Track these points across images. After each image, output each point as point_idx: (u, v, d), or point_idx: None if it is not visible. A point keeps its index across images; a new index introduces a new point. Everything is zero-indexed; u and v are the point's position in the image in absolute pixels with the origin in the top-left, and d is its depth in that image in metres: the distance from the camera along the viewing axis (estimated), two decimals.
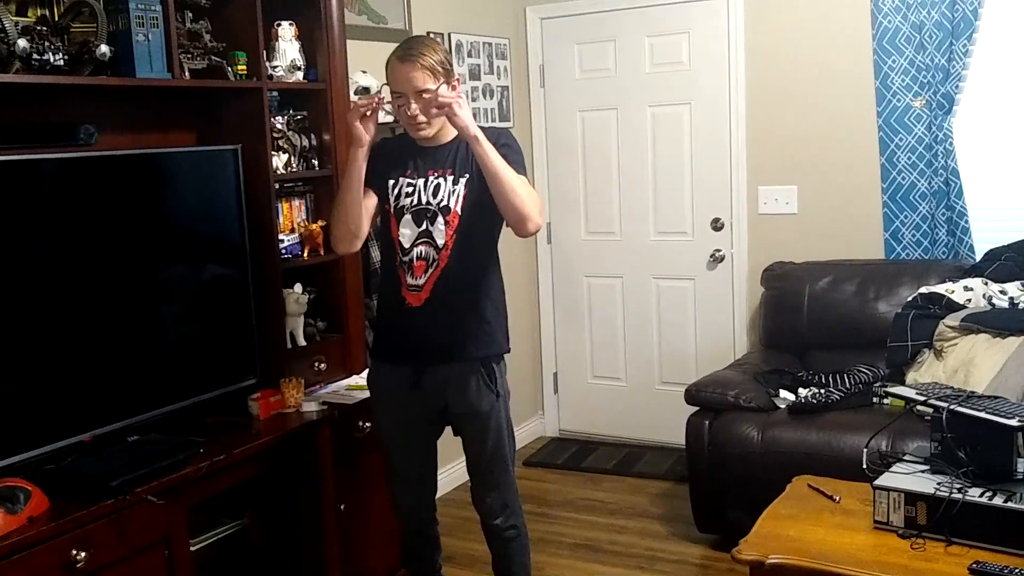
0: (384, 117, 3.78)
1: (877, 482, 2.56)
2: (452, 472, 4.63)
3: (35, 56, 2.50)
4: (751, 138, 4.73)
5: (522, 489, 4.52)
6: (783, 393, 3.93)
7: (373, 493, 3.35)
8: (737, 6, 4.66)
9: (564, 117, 5.18)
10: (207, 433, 2.89)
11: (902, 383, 3.81)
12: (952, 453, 2.56)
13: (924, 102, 4.27)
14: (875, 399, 3.79)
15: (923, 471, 2.60)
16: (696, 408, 3.92)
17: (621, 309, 5.17)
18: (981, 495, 2.43)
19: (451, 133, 2.78)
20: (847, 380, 3.85)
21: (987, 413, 2.51)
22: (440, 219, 2.76)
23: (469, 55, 4.79)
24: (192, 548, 2.80)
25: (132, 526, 2.46)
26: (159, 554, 2.56)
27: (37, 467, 2.48)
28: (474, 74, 4.83)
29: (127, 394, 2.80)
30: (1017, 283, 3.83)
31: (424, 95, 2.68)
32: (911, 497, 2.49)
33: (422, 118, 2.71)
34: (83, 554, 2.31)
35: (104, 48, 2.63)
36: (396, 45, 2.82)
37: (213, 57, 3.07)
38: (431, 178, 2.79)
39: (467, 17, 4.79)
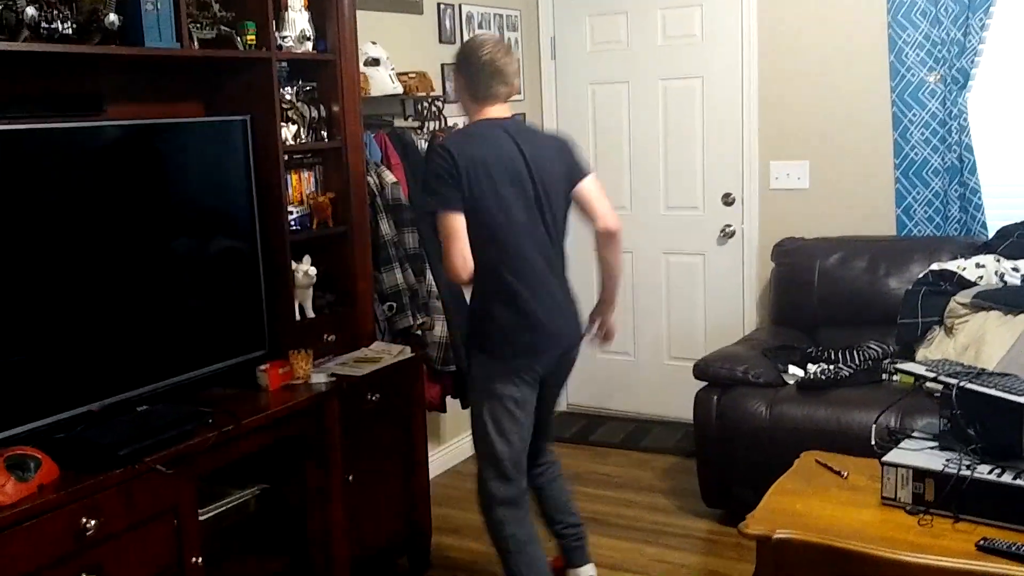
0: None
1: (885, 458, 2.56)
2: (451, 450, 4.65)
3: (44, 24, 2.48)
4: (763, 112, 4.69)
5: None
6: (792, 369, 3.92)
7: (381, 464, 3.36)
8: None
9: (575, 90, 5.14)
10: (216, 404, 2.89)
11: (912, 360, 3.79)
12: (961, 430, 2.55)
13: (939, 77, 4.23)
14: (884, 376, 3.78)
15: (932, 448, 2.60)
16: (704, 383, 3.92)
17: (631, 283, 5.15)
18: (990, 472, 2.42)
19: None
20: (856, 356, 3.84)
21: (997, 390, 2.50)
22: None
23: (480, 26, 4.76)
24: (201, 518, 2.81)
25: (141, 495, 2.47)
26: (168, 523, 2.57)
27: (47, 436, 2.49)
28: None
29: (136, 364, 2.81)
30: None
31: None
32: (919, 473, 2.48)
33: None
34: (92, 522, 2.32)
35: (113, 17, 2.62)
36: (405, 15, 2.79)
37: (222, 27, 3.04)
38: None
39: None
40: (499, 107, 2.98)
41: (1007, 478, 2.39)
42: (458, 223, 2.80)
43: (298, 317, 3.31)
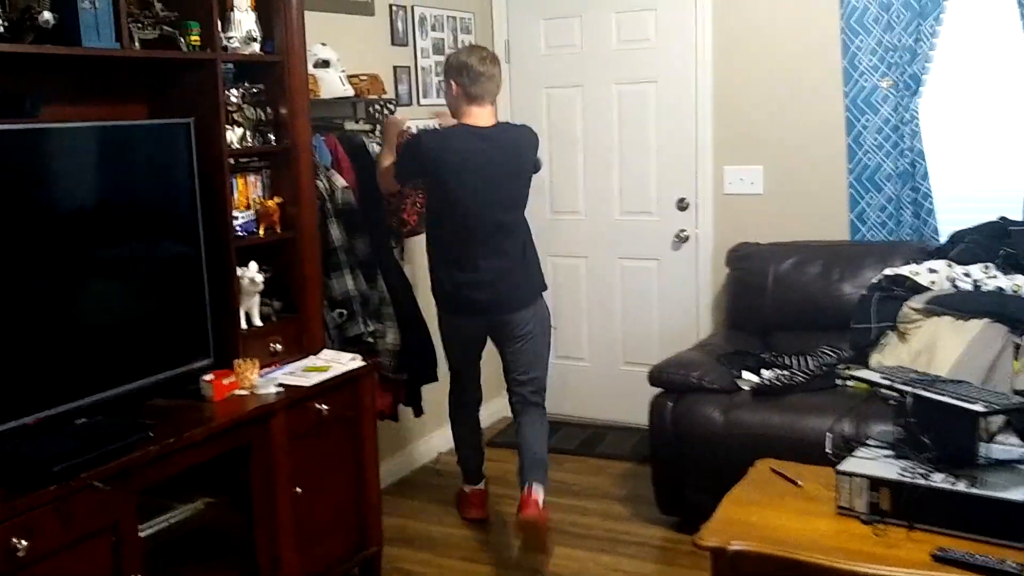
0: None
1: (840, 467, 2.54)
2: (405, 459, 4.59)
3: None
4: (717, 117, 4.68)
5: (484, 470, 4.51)
6: (746, 375, 3.91)
7: (330, 475, 3.29)
8: None
9: (529, 94, 5.10)
10: (158, 416, 2.80)
11: (865, 365, 3.79)
12: (916, 438, 2.54)
13: (891, 83, 4.24)
14: (838, 381, 3.77)
15: (887, 456, 2.58)
16: (659, 389, 3.89)
17: (585, 289, 5.12)
18: (944, 481, 2.41)
19: None
20: (810, 362, 3.84)
21: (951, 398, 2.49)
22: None
23: (433, 29, 4.70)
24: (143, 534, 2.71)
25: (77, 512, 2.37)
26: (106, 540, 2.47)
27: None
28: (438, 48, 4.74)
29: (74, 375, 2.70)
30: (980, 265, 3.82)
31: None
32: (874, 483, 2.47)
33: None
34: (24, 543, 2.22)
35: (47, 15, 2.52)
36: (356, 17, 2.80)
37: (165, 27, 2.95)
38: None
39: None
40: (481, 110, 3.63)
41: (961, 486, 2.38)
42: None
43: (244, 325, 3.22)
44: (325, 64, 3.73)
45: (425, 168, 3.62)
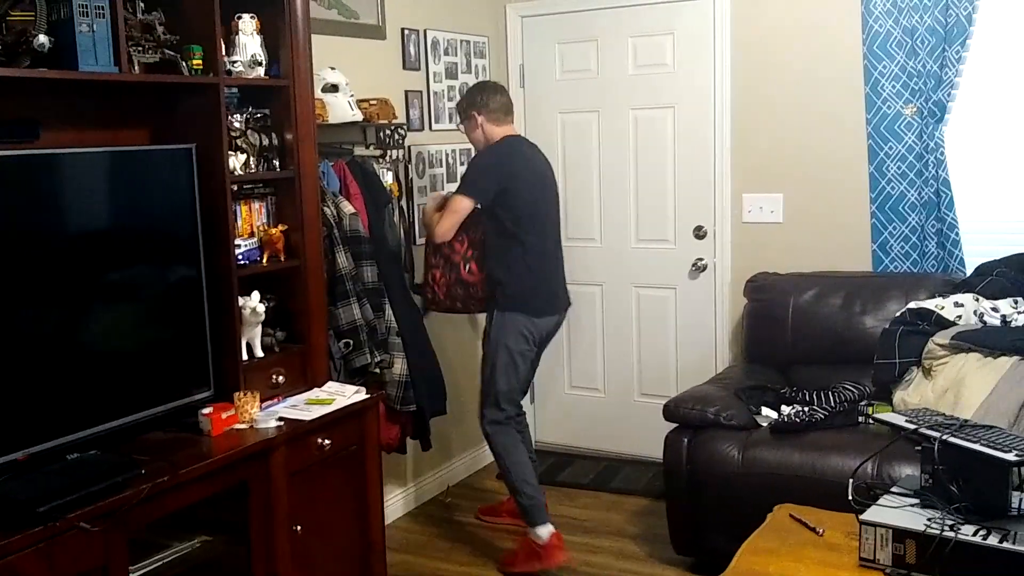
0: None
1: (864, 516, 2.41)
2: (413, 492, 4.49)
3: None
4: (736, 144, 4.58)
5: (492, 503, 4.40)
6: (765, 411, 3.79)
7: (332, 512, 3.18)
8: (724, 6, 4.51)
9: (544, 119, 5.01)
10: (153, 451, 2.71)
11: (889, 402, 3.67)
12: (944, 486, 2.41)
13: (915, 109, 4.13)
14: (861, 418, 3.64)
15: (912, 505, 2.45)
16: (675, 425, 3.76)
17: (600, 318, 5.02)
18: (974, 534, 2.28)
19: None
20: (832, 398, 3.70)
21: (982, 445, 2.36)
22: None
23: (446, 53, 4.62)
24: (137, 574, 2.62)
25: (63, 555, 2.28)
26: None
27: None
28: (451, 73, 4.66)
29: (69, 408, 2.60)
30: (1009, 300, 3.69)
31: None
32: (899, 534, 2.34)
33: None
34: None
35: (43, 39, 2.45)
36: (367, 40, 2.79)
37: (167, 51, 2.88)
38: None
39: (444, 13, 4.62)
40: (509, 126, 3.90)
41: (993, 540, 2.25)
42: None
43: (245, 356, 3.12)
44: (334, 88, 3.65)
45: (508, 172, 3.75)
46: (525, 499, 3.76)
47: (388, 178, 4.05)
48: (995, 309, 3.66)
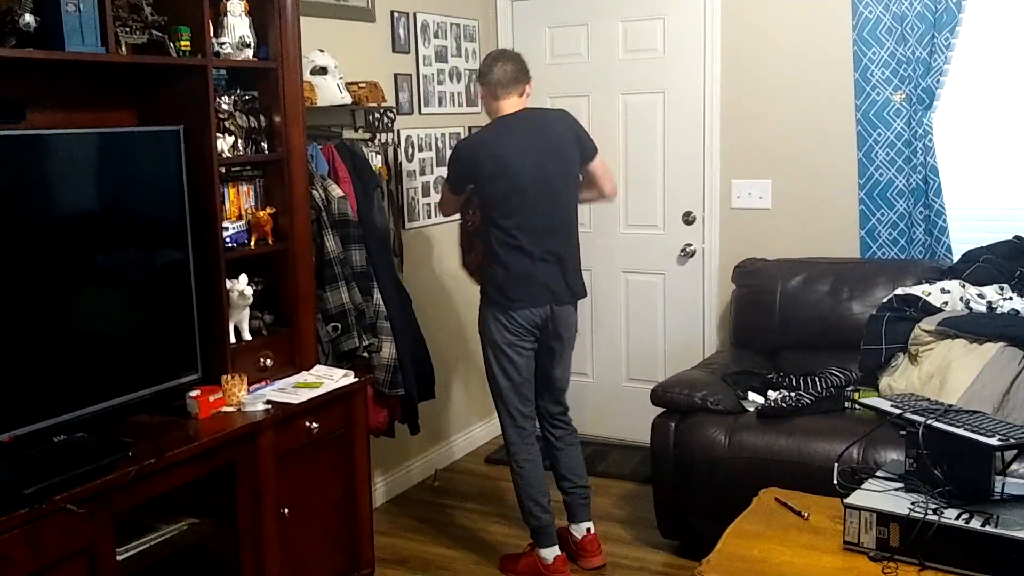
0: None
1: (848, 500, 2.42)
2: (401, 476, 4.49)
3: None
4: (725, 129, 4.58)
5: (482, 488, 4.43)
6: (752, 395, 3.79)
7: (319, 495, 3.19)
8: None
9: (534, 103, 4.94)
10: (141, 433, 2.70)
11: (875, 387, 3.69)
12: (927, 471, 2.42)
13: (904, 96, 4.13)
14: (847, 404, 3.66)
15: (896, 489, 2.46)
16: (662, 409, 3.78)
17: (589, 303, 5.00)
18: (957, 517, 2.29)
19: None
20: (818, 383, 3.72)
21: (965, 430, 2.37)
22: None
23: (436, 36, 4.60)
24: (122, 556, 2.62)
25: (49, 537, 2.28)
26: (81, 566, 2.38)
27: None
28: (441, 56, 4.64)
29: (55, 390, 2.60)
30: (995, 286, 3.71)
31: None
32: (883, 518, 2.35)
33: None
34: None
35: (28, 18, 2.44)
36: (356, 23, 2.72)
37: (154, 32, 2.86)
38: None
39: None
40: (507, 101, 3.56)
41: (976, 524, 2.26)
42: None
43: (233, 339, 3.12)
44: (323, 71, 3.64)
45: (472, 165, 3.52)
46: (532, 520, 3.62)
47: (377, 161, 4.04)
48: (981, 295, 3.68)
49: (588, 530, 3.74)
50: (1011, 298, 3.64)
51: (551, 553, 3.60)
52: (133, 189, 2.88)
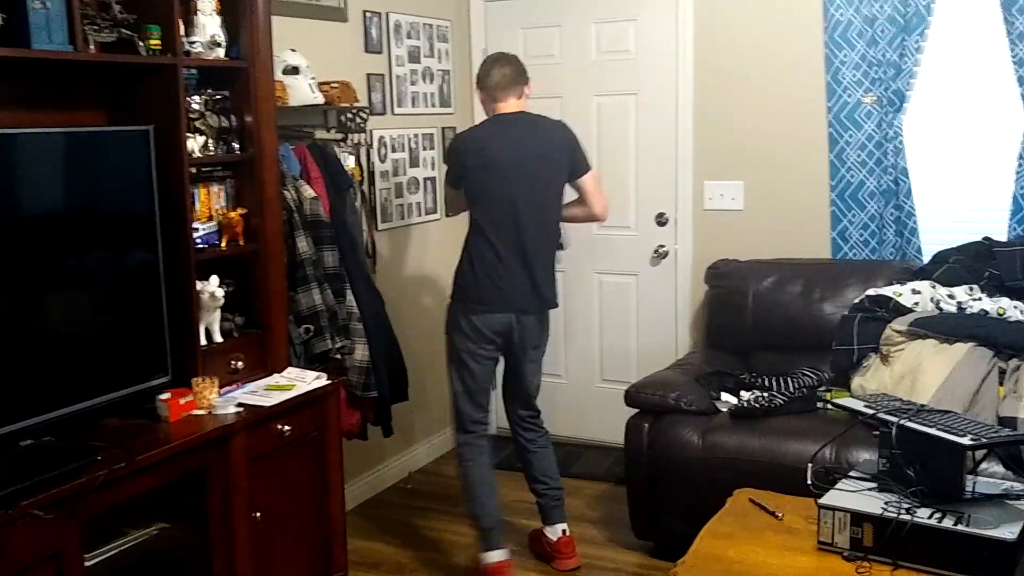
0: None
1: (822, 500, 2.43)
2: (374, 478, 4.47)
3: None
4: (698, 131, 4.59)
5: (456, 490, 4.41)
6: (725, 396, 3.81)
7: (292, 499, 3.16)
8: None
9: None
10: (111, 437, 2.66)
11: (847, 387, 3.71)
12: (900, 470, 2.44)
13: (875, 98, 4.16)
14: (819, 403, 3.68)
15: (870, 489, 2.48)
16: (635, 410, 3.78)
17: (562, 304, 4.96)
18: (930, 517, 2.31)
19: None
20: (791, 384, 3.74)
21: (938, 429, 2.39)
22: None
23: (409, 36, 4.58)
24: (92, 562, 2.58)
25: (15, 543, 2.23)
26: (47, 573, 2.34)
27: None
28: (413, 56, 4.62)
29: (21, 394, 2.55)
30: (964, 287, 3.74)
31: None
32: (857, 517, 2.36)
33: None
34: None
35: None
36: (328, 23, 2.69)
37: (123, 30, 2.82)
38: None
39: None
40: (505, 104, 3.57)
41: (948, 523, 2.28)
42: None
43: (204, 341, 3.08)
44: (294, 71, 3.61)
45: (460, 156, 3.55)
46: (471, 521, 3.65)
47: (350, 162, 4.01)
48: (951, 296, 3.71)
49: (564, 532, 3.74)
50: (980, 299, 3.67)
51: (491, 557, 3.58)
52: (102, 189, 2.84)
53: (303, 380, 3.23)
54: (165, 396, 2.89)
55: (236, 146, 3.20)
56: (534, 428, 3.77)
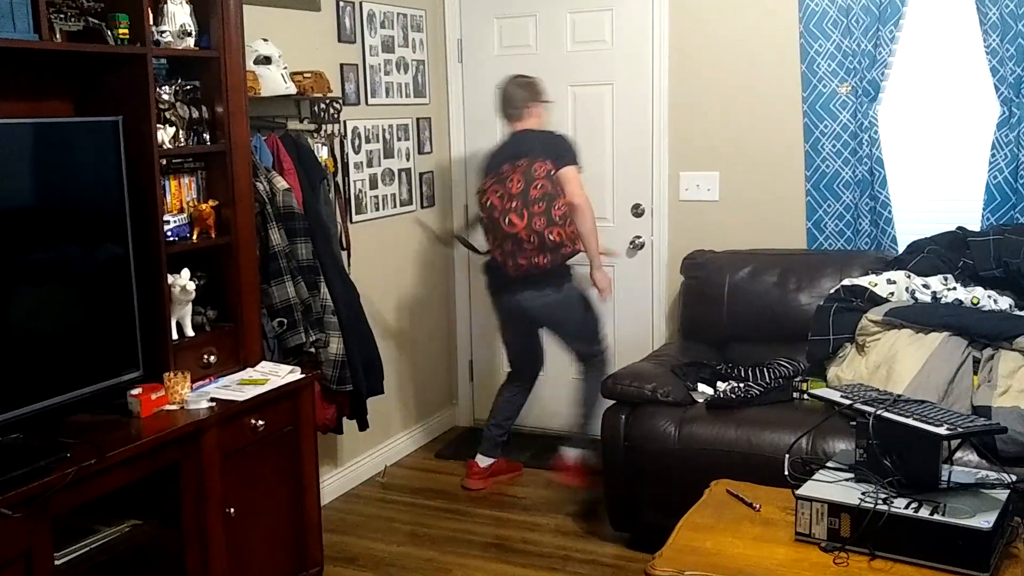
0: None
1: (799, 491, 2.43)
2: (349, 473, 4.44)
3: None
4: (673, 122, 4.58)
5: (432, 483, 4.42)
6: (701, 387, 3.80)
7: (266, 494, 3.13)
8: None
9: (483, 95, 4.95)
10: (81, 433, 2.63)
11: (823, 377, 3.71)
12: (877, 461, 2.44)
13: (850, 88, 4.16)
14: (796, 394, 3.68)
15: (847, 479, 2.48)
16: (612, 402, 3.77)
17: None
18: (907, 506, 2.31)
19: None
20: (767, 374, 3.74)
21: (914, 420, 2.39)
22: None
23: (382, 26, 4.54)
24: (62, 560, 2.54)
25: None
26: (16, 572, 2.30)
27: None
28: (387, 46, 4.58)
29: None
30: (939, 277, 3.75)
31: None
32: (834, 508, 2.36)
33: None
34: None
35: None
36: (300, 12, 2.68)
37: (91, 19, 2.77)
38: None
39: None
40: (520, 123, 4.17)
41: (924, 513, 2.28)
42: None
43: (175, 335, 3.04)
44: (266, 60, 3.56)
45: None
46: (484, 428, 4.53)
47: (323, 153, 3.97)
48: (926, 286, 3.72)
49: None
50: (955, 288, 3.69)
51: (477, 459, 4.42)
52: (70, 182, 2.78)
53: (277, 374, 3.20)
54: (136, 391, 2.85)
55: (207, 137, 3.16)
56: (584, 366, 4.43)
